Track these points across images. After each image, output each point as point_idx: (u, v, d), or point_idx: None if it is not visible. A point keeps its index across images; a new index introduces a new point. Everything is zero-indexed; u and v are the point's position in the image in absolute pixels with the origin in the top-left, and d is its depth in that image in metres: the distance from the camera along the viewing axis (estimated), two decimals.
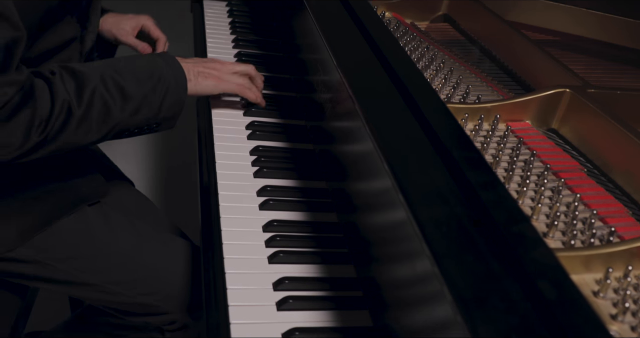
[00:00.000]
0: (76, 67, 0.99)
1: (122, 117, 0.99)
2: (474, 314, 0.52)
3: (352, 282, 0.87)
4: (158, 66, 1.04)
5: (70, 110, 0.94)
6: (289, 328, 0.78)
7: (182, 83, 1.05)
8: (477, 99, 1.02)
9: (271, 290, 0.84)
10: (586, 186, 0.86)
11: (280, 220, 0.95)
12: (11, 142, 0.89)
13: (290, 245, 0.91)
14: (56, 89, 0.93)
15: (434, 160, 0.70)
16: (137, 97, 1.00)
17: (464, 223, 0.62)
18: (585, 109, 0.95)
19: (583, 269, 0.72)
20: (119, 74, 1.00)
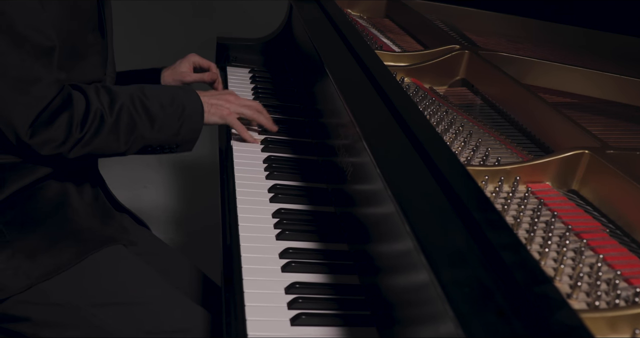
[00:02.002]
0: (110, 86, 1.18)
1: (145, 133, 1.15)
2: None
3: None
4: (179, 96, 1.20)
5: (102, 118, 1.10)
6: None
7: (199, 113, 1.21)
8: (496, 162, 1.03)
9: None
10: (609, 247, 0.86)
11: (302, 282, 0.96)
12: (57, 137, 1.06)
13: (312, 307, 0.92)
14: (91, 98, 1.10)
15: (455, 223, 0.71)
16: (160, 118, 1.16)
17: (487, 285, 0.62)
18: (605, 170, 0.96)
19: (609, 331, 0.71)
20: (146, 97, 1.16)
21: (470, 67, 1.44)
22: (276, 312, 0.90)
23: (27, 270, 1.08)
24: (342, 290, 0.96)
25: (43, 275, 1.09)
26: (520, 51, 1.64)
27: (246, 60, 1.79)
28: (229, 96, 1.30)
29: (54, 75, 1.06)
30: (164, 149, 1.21)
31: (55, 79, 1.06)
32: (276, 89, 1.66)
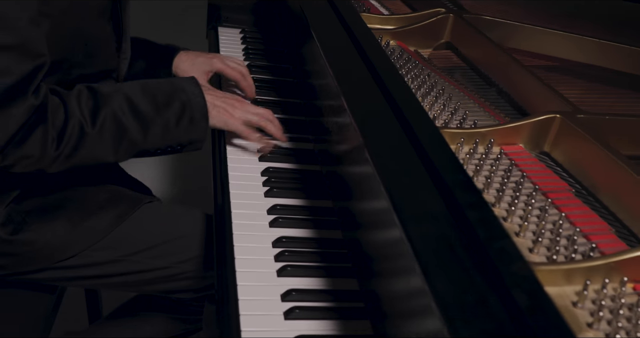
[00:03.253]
0: (100, 88, 1.07)
1: (138, 139, 1.07)
2: (456, 320, 0.59)
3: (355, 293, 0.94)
4: (180, 95, 1.11)
5: (83, 129, 1.02)
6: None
7: (203, 115, 1.12)
8: (473, 124, 1.08)
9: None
10: (573, 206, 0.92)
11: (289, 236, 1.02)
12: (32, 154, 0.99)
13: (297, 259, 0.98)
14: (71, 109, 1.01)
15: (426, 182, 0.77)
16: (155, 122, 1.08)
17: (452, 241, 0.68)
18: (574, 133, 1.02)
19: (564, 282, 0.78)
20: (140, 98, 1.07)
21: (455, 30, 1.48)
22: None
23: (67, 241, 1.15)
24: (326, 244, 1.03)
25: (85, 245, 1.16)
26: (508, 16, 1.67)
27: (237, 20, 1.82)
28: (234, 100, 1.20)
29: (30, 97, 0.98)
30: (165, 152, 1.14)
31: (30, 103, 0.98)
32: (267, 49, 1.70)
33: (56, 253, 1.14)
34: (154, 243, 1.19)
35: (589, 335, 0.71)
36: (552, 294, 0.73)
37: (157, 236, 1.20)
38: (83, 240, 1.14)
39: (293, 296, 0.91)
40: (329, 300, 0.92)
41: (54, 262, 1.15)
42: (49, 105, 0.99)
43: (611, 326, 0.72)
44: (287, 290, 0.92)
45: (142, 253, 1.19)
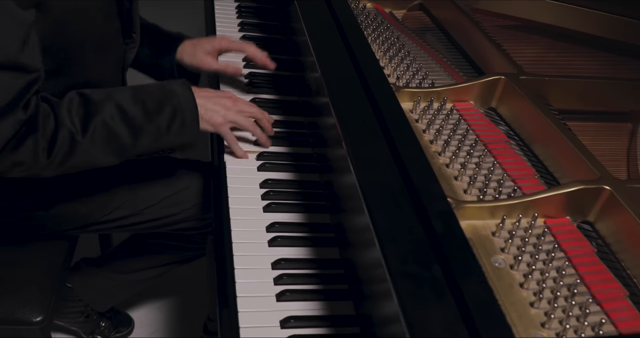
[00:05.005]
0: (91, 95, 1.08)
1: (131, 145, 1.10)
2: (390, 246, 0.78)
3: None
4: (171, 101, 1.12)
5: (73, 138, 1.04)
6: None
7: (194, 120, 1.14)
8: (431, 83, 1.26)
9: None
10: (507, 155, 1.11)
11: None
12: (23, 161, 1.02)
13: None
14: (61, 118, 1.03)
15: (378, 134, 0.95)
16: (146, 128, 1.10)
17: (395, 186, 0.87)
18: (516, 93, 1.19)
19: (489, 216, 0.97)
20: (131, 105, 1.09)
21: None
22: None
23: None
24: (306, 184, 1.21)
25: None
26: None
27: None
28: (227, 101, 1.19)
29: (19, 111, 0.99)
30: (158, 154, 1.18)
31: (18, 117, 0.98)
32: (260, 17, 1.80)
33: (92, 215, 1.34)
34: (164, 196, 1.39)
35: (500, 257, 0.91)
36: (477, 225, 0.93)
37: (166, 191, 1.39)
38: (117, 200, 1.34)
39: (276, 227, 1.11)
40: (305, 231, 1.12)
41: (88, 223, 1.35)
42: (39, 116, 1.01)
43: (519, 250, 0.92)
44: (271, 223, 1.11)
45: (154, 206, 1.38)
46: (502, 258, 0.91)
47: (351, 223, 0.98)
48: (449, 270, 0.73)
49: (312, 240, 1.10)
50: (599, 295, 0.86)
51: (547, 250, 0.92)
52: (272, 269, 1.03)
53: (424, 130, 1.14)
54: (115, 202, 1.34)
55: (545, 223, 0.97)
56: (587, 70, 1.50)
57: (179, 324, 1.97)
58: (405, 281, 0.73)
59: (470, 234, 0.93)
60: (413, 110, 1.18)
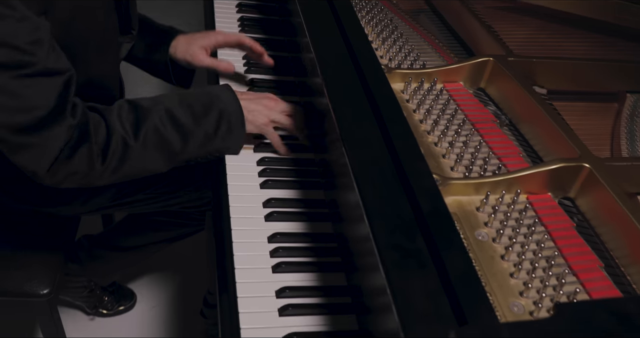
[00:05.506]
0: (140, 101, 1.11)
1: (180, 150, 1.11)
2: (378, 220, 0.83)
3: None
4: (216, 104, 1.14)
5: (126, 144, 1.05)
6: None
7: (239, 122, 1.15)
8: (422, 65, 1.30)
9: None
10: (493, 133, 1.16)
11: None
12: (78, 170, 1.04)
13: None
14: (112, 124, 1.05)
15: (368, 113, 0.99)
16: (196, 133, 1.11)
17: (382, 162, 0.91)
18: (503, 74, 1.23)
19: (474, 192, 1.02)
20: (178, 110, 1.10)
21: None
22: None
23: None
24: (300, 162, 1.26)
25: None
26: None
27: None
28: (269, 101, 1.22)
29: (68, 117, 1.00)
30: (207, 158, 1.19)
31: (68, 123, 1.00)
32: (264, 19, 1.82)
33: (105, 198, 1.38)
34: (165, 176, 1.42)
35: (483, 231, 0.96)
36: (462, 201, 0.99)
37: (169, 173, 1.43)
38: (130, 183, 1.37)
39: (272, 203, 1.16)
40: (300, 206, 1.17)
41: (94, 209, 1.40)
42: (90, 123, 1.03)
43: (501, 225, 0.97)
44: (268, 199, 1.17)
45: (155, 186, 1.42)
46: (485, 232, 0.96)
47: (343, 199, 1.03)
48: (432, 242, 0.78)
49: (306, 215, 1.15)
50: (575, 267, 0.91)
51: (528, 225, 0.97)
52: (269, 243, 1.08)
53: (414, 110, 1.19)
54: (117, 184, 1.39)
55: (527, 199, 1.02)
56: (577, 51, 1.54)
57: (179, 298, 2.03)
58: (391, 253, 0.78)
59: (456, 209, 0.98)
60: (404, 90, 1.22)
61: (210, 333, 1.82)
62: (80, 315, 1.92)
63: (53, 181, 1.05)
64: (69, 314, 1.90)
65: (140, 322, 1.95)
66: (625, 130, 1.28)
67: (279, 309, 0.99)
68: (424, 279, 0.75)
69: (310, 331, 0.97)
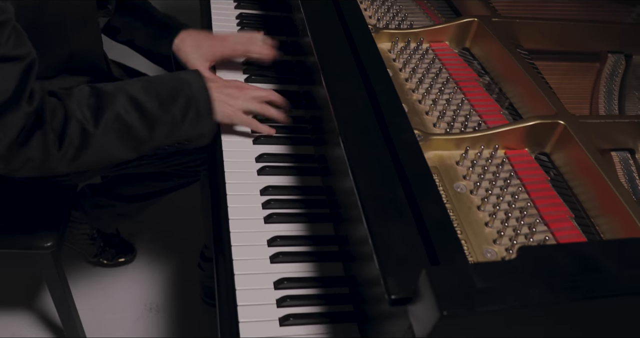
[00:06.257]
0: (103, 87, 1.07)
1: (146, 137, 1.08)
2: (360, 172, 0.88)
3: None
4: (185, 91, 1.11)
5: (85, 130, 1.01)
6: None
7: (207, 110, 1.13)
8: (409, 25, 1.34)
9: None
10: (475, 92, 1.21)
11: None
12: (33, 157, 1.00)
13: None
14: (70, 110, 1.01)
15: (355, 75, 1.04)
16: (162, 119, 1.08)
17: (367, 120, 0.97)
18: (487, 34, 1.28)
19: (455, 147, 1.07)
20: (143, 96, 1.07)
21: None
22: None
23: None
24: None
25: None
26: None
27: None
28: (233, 90, 1.18)
29: (24, 104, 0.96)
30: (174, 146, 1.17)
31: (24, 110, 0.96)
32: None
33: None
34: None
35: (462, 183, 1.02)
36: (443, 155, 1.04)
37: None
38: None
39: (264, 158, 1.22)
40: (290, 161, 1.23)
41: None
42: (45, 108, 0.99)
43: (479, 178, 1.03)
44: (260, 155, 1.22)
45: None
46: (464, 184, 1.02)
47: (331, 154, 1.08)
48: (410, 192, 0.84)
49: (297, 169, 1.21)
50: (546, 217, 0.98)
51: (504, 178, 1.03)
52: (261, 195, 1.15)
53: (400, 69, 1.24)
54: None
55: (505, 154, 1.08)
56: (563, 12, 1.58)
57: (178, 253, 2.11)
58: (372, 202, 0.84)
59: (436, 163, 1.04)
60: (391, 50, 1.27)
61: (205, 285, 1.90)
62: (82, 265, 2.00)
63: (9, 168, 1.02)
64: (72, 264, 1.98)
65: (140, 275, 2.03)
66: (604, 90, 1.33)
67: (270, 257, 1.05)
68: (402, 226, 0.81)
69: (299, 277, 1.03)
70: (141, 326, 1.90)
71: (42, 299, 1.92)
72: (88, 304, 1.90)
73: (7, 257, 1.48)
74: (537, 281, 0.68)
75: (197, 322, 1.92)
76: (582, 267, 0.72)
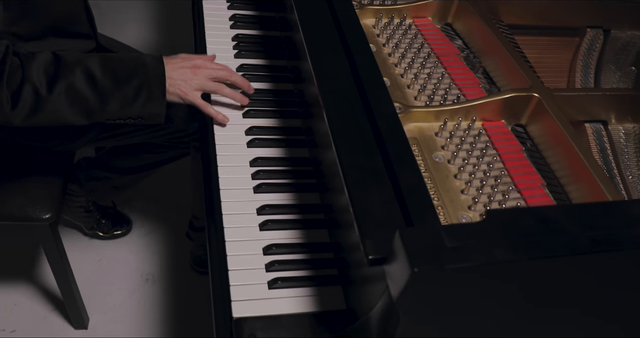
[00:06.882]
0: (64, 56, 1.13)
1: (98, 109, 1.15)
2: (342, 142, 0.94)
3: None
4: (141, 70, 1.16)
5: (38, 94, 1.08)
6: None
7: (161, 92, 1.17)
8: (394, 1, 1.38)
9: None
10: (456, 66, 1.25)
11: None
12: None
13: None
14: (29, 73, 1.08)
15: (339, 51, 1.08)
16: (115, 96, 1.14)
17: (350, 93, 1.02)
18: (468, 10, 1.32)
19: (434, 119, 1.13)
20: (100, 70, 1.13)
21: None
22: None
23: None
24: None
25: None
26: None
27: None
28: (188, 71, 1.21)
29: None
30: (127, 121, 1.20)
31: None
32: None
33: (92, 134, 1.47)
34: None
35: (440, 153, 1.07)
36: (423, 127, 1.09)
37: None
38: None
39: (254, 131, 1.26)
40: (279, 134, 1.27)
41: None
42: (6, 67, 1.06)
43: (457, 148, 1.08)
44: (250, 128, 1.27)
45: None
46: (442, 154, 1.07)
47: (316, 127, 1.13)
48: (388, 160, 0.89)
49: (285, 142, 1.26)
50: (520, 185, 1.03)
51: (480, 148, 1.08)
52: (250, 166, 1.20)
53: (383, 44, 1.28)
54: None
55: (482, 126, 1.13)
56: None
57: (171, 224, 2.17)
58: (353, 170, 0.89)
59: (416, 134, 1.09)
60: (375, 25, 1.31)
61: (194, 254, 1.97)
62: (79, 237, 2.06)
63: None
64: (69, 236, 2.03)
65: (136, 246, 2.09)
66: (581, 64, 1.38)
67: (259, 224, 1.11)
68: (380, 192, 0.86)
69: (287, 243, 1.09)
70: (138, 296, 1.96)
71: (41, 270, 1.98)
72: (85, 276, 1.96)
73: (5, 229, 1.52)
74: (502, 241, 0.73)
75: (192, 290, 1.99)
76: (544, 228, 0.77)
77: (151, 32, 2.98)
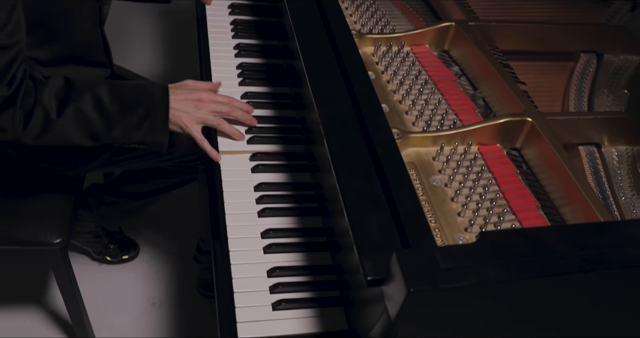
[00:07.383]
0: (75, 83, 1.20)
1: (103, 134, 1.22)
2: (342, 167, 0.97)
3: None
4: (147, 102, 1.22)
5: (48, 117, 1.16)
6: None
7: (164, 122, 1.23)
8: (392, 30, 1.43)
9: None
10: (452, 92, 1.29)
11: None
12: (5, 128, 1.14)
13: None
14: (41, 97, 1.15)
15: (338, 79, 1.13)
16: (120, 123, 1.21)
17: (345, 109, 1.05)
18: (463, 37, 1.37)
19: (432, 144, 1.16)
20: (108, 97, 1.19)
21: None
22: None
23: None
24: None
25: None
26: None
27: None
28: (193, 105, 1.26)
29: (3, 88, 1.09)
30: (128, 145, 1.27)
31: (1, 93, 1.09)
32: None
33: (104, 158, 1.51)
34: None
35: (437, 177, 1.11)
36: (420, 152, 1.13)
37: None
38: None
39: (258, 157, 1.30)
40: (282, 159, 1.32)
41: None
42: (21, 90, 1.12)
43: (453, 171, 1.11)
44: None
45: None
46: (439, 178, 1.11)
47: (317, 151, 1.17)
48: (386, 185, 0.93)
49: (288, 167, 1.30)
50: (514, 207, 1.07)
51: (476, 171, 1.12)
52: (254, 191, 1.24)
53: (382, 71, 1.32)
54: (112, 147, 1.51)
55: (478, 150, 1.17)
56: (540, 13, 1.66)
57: (179, 249, 2.20)
58: (352, 194, 0.93)
59: (414, 159, 1.13)
60: (374, 53, 1.36)
61: (201, 278, 2.00)
62: (87, 262, 2.09)
63: None
64: (78, 261, 2.07)
65: (143, 271, 2.12)
66: (574, 88, 1.42)
67: (263, 248, 1.14)
68: (378, 215, 0.90)
69: (291, 266, 1.12)
70: (145, 319, 1.99)
71: (50, 295, 2.01)
72: (93, 300, 1.99)
73: (15, 254, 1.55)
74: (494, 262, 0.76)
75: (198, 314, 2.02)
76: (535, 248, 0.80)
77: (157, 58, 3.04)
